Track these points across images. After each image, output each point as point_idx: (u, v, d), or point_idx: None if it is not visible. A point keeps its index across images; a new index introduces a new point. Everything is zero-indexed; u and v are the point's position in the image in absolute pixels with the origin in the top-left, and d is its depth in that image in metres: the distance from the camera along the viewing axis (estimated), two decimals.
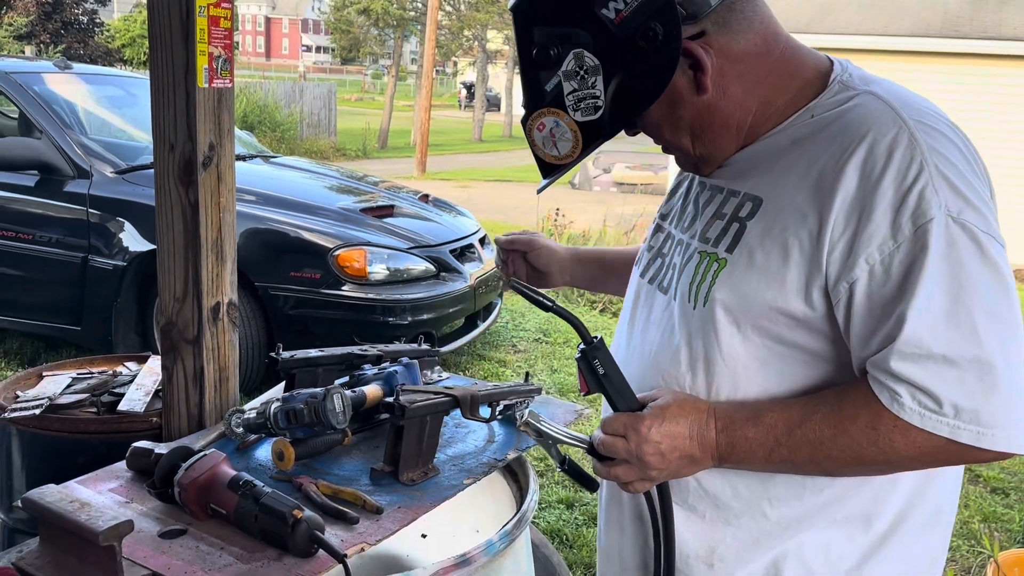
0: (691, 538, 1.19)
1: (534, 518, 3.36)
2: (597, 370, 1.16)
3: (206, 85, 1.62)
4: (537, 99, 1.12)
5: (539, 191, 1.25)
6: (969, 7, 12.14)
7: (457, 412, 1.54)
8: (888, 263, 0.98)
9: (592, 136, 1.11)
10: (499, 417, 1.70)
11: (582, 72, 1.07)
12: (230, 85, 1.68)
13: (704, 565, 1.19)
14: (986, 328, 0.95)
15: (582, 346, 1.17)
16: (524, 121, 1.14)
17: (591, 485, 1.40)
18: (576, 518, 3.39)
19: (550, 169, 1.16)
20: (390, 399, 1.44)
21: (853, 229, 1.00)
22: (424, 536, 1.89)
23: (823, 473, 1.08)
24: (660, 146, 1.22)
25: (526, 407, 1.76)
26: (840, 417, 1.02)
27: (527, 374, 1.83)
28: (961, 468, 1.18)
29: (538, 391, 1.79)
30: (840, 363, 1.07)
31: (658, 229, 1.34)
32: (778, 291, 1.05)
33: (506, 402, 1.69)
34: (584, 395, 1.21)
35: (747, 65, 1.10)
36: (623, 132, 1.17)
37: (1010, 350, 0.96)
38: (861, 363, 1.03)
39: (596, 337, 1.17)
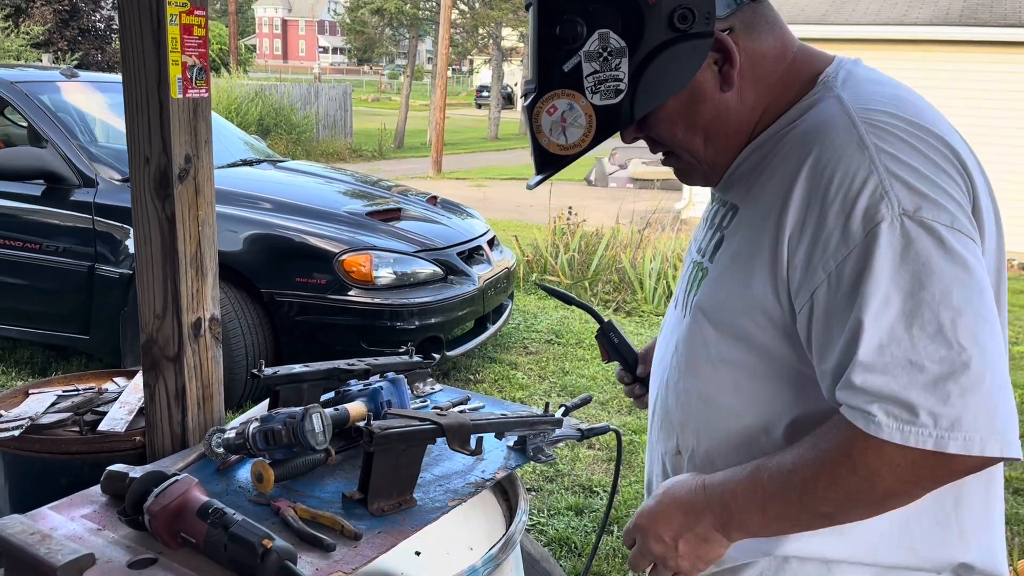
0: None
1: (541, 526, 3.30)
2: (613, 340, 1.52)
3: (180, 96, 1.58)
4: (552, 80, 1.05)
5: (530, 187, 1.17)
6: None
7: None
8: (841, 269, 0.93)
9: (608, 122, 1.05)
10: (512, 447, 1.64)
11: (605, 53, 1.03)
12: (206, 95, 1.63)
13: None
14: (954, 324, 0.88)
15: (599, 327, 1.53)
16: (532, 104, 1.07)
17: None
18: (585, 525, 3.33)
19: (550, 161, 1.09)
20: (362, 423, 1.38)
21: (810, 237, 0.96)
22: (418, 554, 1.84)
23: (823, 521, 1.00)
24: (663, 153, 1.16)
25: (542, 439, 1.66)
26: (817, 453, 0.96)
27: (547, 405, 1.74)
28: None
29: (558, 423, 1.67)
30: (813, 380, 1.02)
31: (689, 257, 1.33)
32: (745, 295, 1.04)
33: (512, 434, 1.61)
34: (605, 362, 1.59)
35: (765, 68, 1.08)
36: (619, 137, 1.12)
37: (985, 344, 0.88)
38: (825, 382, 0.97)
39: (608, 320, 1.53)
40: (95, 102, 5.29)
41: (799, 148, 1.01)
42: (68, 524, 1.36)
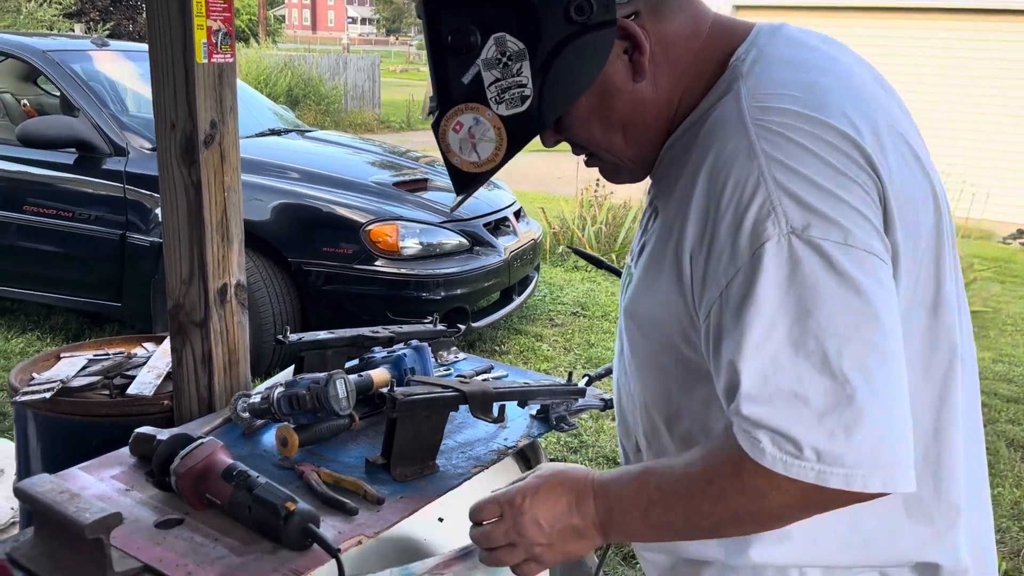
0: None
1: None
2: None
3: (205, 61, 1.58)
4: (453, 95, 0.98)
5: (451, 210, 1.13)
6: None
7: None
8: (730, 288, 0.87)
9: (519, 131, 0.98)
10: (535, 416, 1.64)
11: (504, 59, 0.95)
12: (231, 60, 1.63)
13: None
14: (839, 354, 0.82)
15: None
16: (436, 124, 1.00)
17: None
18: None
19: (467, 180, 1.02)
20: (385, 390, 1.39)
21: (707, 249, 0.90)
22: (441, 520, 1.86)
23: (703, 534, 0.97)
24: (584, 155, 1.09)
25: (565, 409, 1.66)
26: (706, 467, 0.92)
27: (570, 374, 1.73)
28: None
29: (581, 393, 1.66)
30: None
31: None
32: (661, 303, 0.99)
33: (535, 403, 1.61)
34: None
35: (678, 50, 1.00)
36: (540, 142, 1.05)
37: (872, 373, 0.83)
38: (721, 400, 0.92)
39: None
40: (126, 71, 5.33)
41: (700, 150, 0.94)
42: (97, 484, 1.38)
